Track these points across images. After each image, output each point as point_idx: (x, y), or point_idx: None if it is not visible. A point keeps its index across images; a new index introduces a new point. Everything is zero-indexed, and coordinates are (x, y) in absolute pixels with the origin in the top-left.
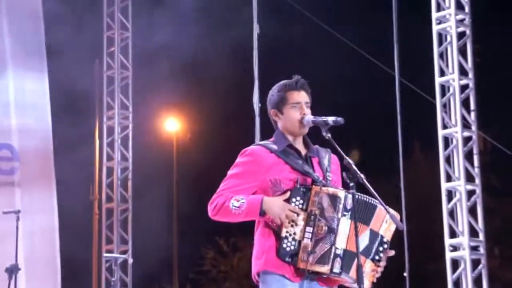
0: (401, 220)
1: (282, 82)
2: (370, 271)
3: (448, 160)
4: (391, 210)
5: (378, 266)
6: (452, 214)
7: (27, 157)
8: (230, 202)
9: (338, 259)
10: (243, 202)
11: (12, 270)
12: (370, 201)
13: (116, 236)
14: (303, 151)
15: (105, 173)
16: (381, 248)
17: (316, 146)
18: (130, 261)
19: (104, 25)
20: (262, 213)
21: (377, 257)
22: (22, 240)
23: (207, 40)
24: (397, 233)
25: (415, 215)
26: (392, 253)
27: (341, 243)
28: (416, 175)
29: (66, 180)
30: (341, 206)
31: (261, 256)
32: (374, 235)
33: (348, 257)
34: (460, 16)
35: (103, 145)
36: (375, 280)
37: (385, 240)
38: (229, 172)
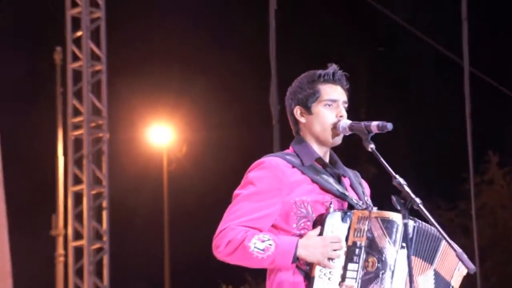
0: (472, 259)
1: (313, 71)
2: None
3: None
4: (457, 248)
5: None
6: None
7: None
8: (252, 241)
9: None
10: (269, 244)
11: None
12: (432, 231)
13: (88, 284)
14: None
15: (72, 200)
16: None
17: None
18: None
19: (67, 1)
20: (295, 260)
21: None
22: None
23: (209, 19)
24: (468, 276)
25: (492, 253)
26: None
27: (399, 284)
28: (493, 199)
29: (19, 210)
30: (399, 234)
31: None
32: (443, 283)
33: None
34: None
35: (69, 163)
36: None
37: None
38: (239, 192)
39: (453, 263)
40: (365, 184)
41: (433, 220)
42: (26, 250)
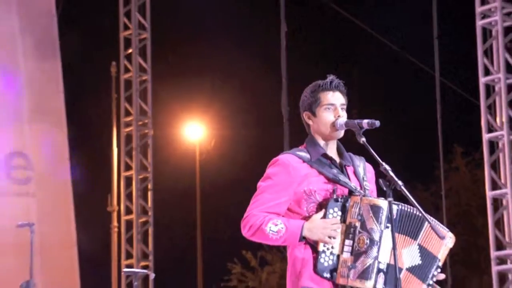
0: None
1: (316, 82)
2: None
3: (493, 166)
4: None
5: None
6: (498, 224)
7: (42, 165)
8: (268, 225)
9: (382, 274)
10: (281, 227)
11: (28, 287)
12: (416, 212)
13: (136, 250)
14: (337, 160)
15: (123, 183)
16: (435, 273)
17: (350, 153)
18: (152, 276)
19: (120, 25)
20: (302, 239)
21: (431, 282)
22: (38, 254)
23: (233, 38)
24: None
25: (456, 226)
26: (442, 276)
27: (384, 257)
28: (458, 183)
29: (82, 190)
30: (383, 217)
31: (298, 272)
32: (430, 257)
33: (392, 273)
34: (507, 10)
35: (121, 154)
36: None
37: (440, 264)
38: (260, 185)
39: (440, 241)
40: (369, 168)
41: (411, 198)
42: (88, 223)
